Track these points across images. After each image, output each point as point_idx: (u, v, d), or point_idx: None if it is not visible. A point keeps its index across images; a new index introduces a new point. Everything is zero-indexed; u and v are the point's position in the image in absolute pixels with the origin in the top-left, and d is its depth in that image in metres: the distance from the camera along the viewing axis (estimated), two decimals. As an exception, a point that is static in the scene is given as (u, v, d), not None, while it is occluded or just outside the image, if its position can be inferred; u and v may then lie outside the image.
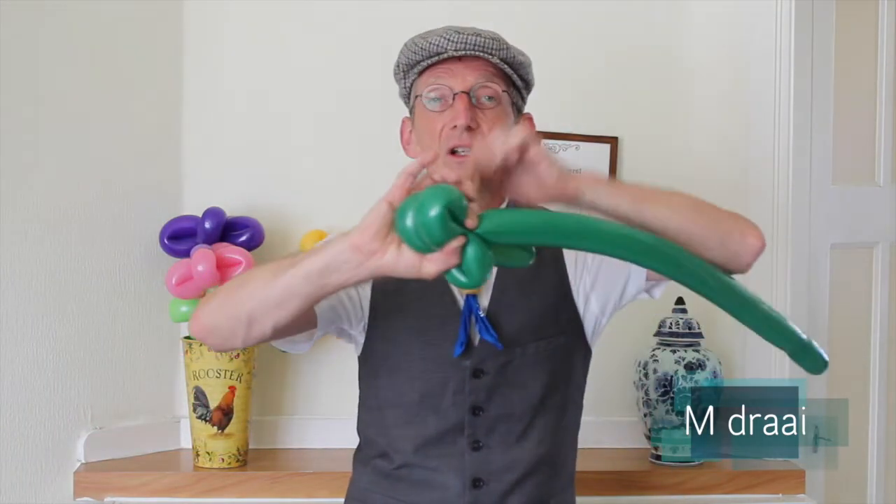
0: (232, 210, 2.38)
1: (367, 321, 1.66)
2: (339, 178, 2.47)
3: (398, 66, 1.68)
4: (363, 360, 1.71)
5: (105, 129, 2.33)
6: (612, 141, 2.51)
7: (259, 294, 1.40)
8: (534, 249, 1.37)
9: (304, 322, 1.54)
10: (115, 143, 2.35)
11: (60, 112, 2.26)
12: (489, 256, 1.27)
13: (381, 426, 1.68)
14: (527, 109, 1.72)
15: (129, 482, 2.24)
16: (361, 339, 1.68)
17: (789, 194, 2.43)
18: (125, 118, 2.37)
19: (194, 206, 2.42)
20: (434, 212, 1.22)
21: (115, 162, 2.35)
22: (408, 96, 1.70)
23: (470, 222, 1.26)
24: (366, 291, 1.64)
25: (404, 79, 1.68)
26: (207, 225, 2.30)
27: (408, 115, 1.72)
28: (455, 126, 1.58)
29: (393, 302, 1.63)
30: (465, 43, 1.59)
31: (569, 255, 1.68)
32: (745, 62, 2.48)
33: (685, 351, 2.36)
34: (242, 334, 1.45)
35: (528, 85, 1.69)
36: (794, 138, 2.43)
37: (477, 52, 1.59)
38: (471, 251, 1.25)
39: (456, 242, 1.24)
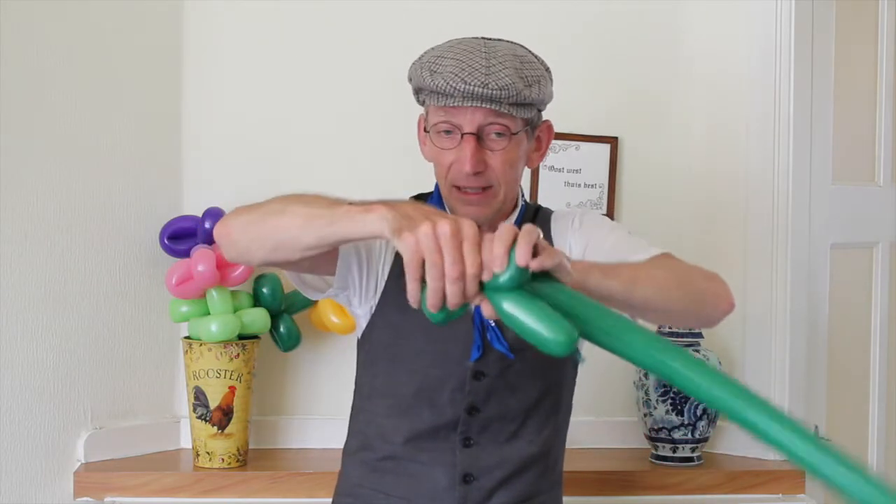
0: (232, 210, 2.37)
1: (375, 304, 1.66)
2: (339, 178, 2.46)
3: (410, 78, 1.67)
4: (362, 344, 1.72)
5: (105, 129, 2.33)
6: (612, 141, 2.51)
7: (292, 233, 1.39)
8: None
9: (322, 262, 1.54)
10: (115, 144, 2.35)
11: (60, 112, 2.26)
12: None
13: (370, 414, 1.69)
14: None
15: (129, 482, 2.23)
16: (364, 322, 1.69)
17: (789, 194, 2.42)
18: (125, 118, 2.36)
19: (194, 206, 2.42)
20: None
21: (115, 162, 2.35)
22: (420, 101, 1.69)
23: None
24: (384, 274, 1.64)
25: (416, 93, 1.67)
26: (207, 225, 2.30)
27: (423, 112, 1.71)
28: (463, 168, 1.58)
29: (405, 292, 1.62)
30: (472, 95, 1.55)
31: None
32: (745, 62, 2.48)
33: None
34: (262, 256, 1.46)
35: (543, 103, 1.66)
36: (794, 138, 2.42)
37: (482, 104, 1.56)
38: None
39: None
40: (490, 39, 1.64)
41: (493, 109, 1.57)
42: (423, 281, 1.18)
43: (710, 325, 1.55)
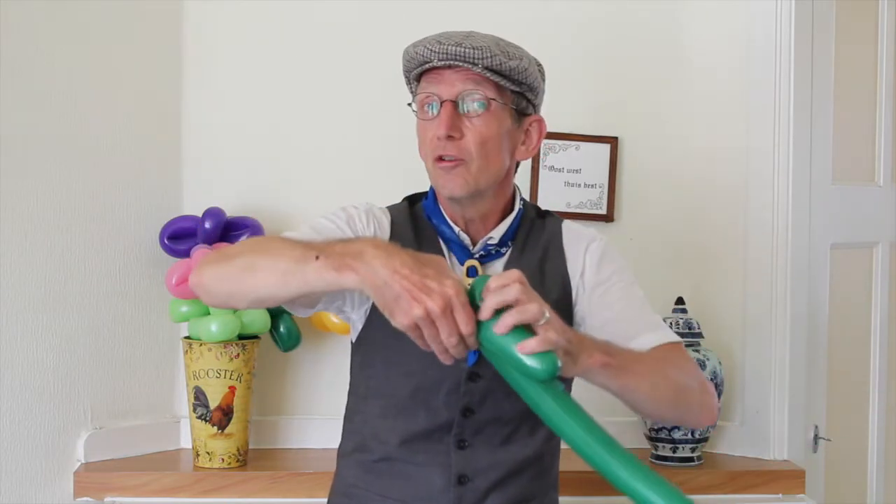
0: (232, 210, 2.38)
1: (369, 306, 1.66)
2: (339, 178, 2.47)
3: (404, 73, 1.70)
4: (358, 346, 1.72)
5: (105, 129, 2.33)
6: (612, 141, 2.51)
7: (269, 290, 1.43)
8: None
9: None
10: (115, 144, 2.35)
11: (60, 112, 2.26)
12: None
13: (366, 415, 1.70)
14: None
15: (129, 482, 2.24)
16: (360, 325, 1.69)
17: (789, 194, 2.42)
18: (125, 118, 2.37)
19: (194, 206, 2.42)
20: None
21: (115, 162, 2.35)
22: (413, 92, 1.71)
23: None
24: None
25: (409, 84, 1.70)
26: (207, 225, 2.30)
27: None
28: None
29: None
30: (447, 53, 1.58)
31: (574, 276, 1.69)
32: (746, 62, 2.48)
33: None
34: (244, 307, 1.55)
35: (530, 88, 1.66)
36: (794, 138, 2.43)
37: (458, 63, 1.58)
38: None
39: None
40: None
41: (471, 72, 1.59)
42: None
43: (687, 427, 1.66)
